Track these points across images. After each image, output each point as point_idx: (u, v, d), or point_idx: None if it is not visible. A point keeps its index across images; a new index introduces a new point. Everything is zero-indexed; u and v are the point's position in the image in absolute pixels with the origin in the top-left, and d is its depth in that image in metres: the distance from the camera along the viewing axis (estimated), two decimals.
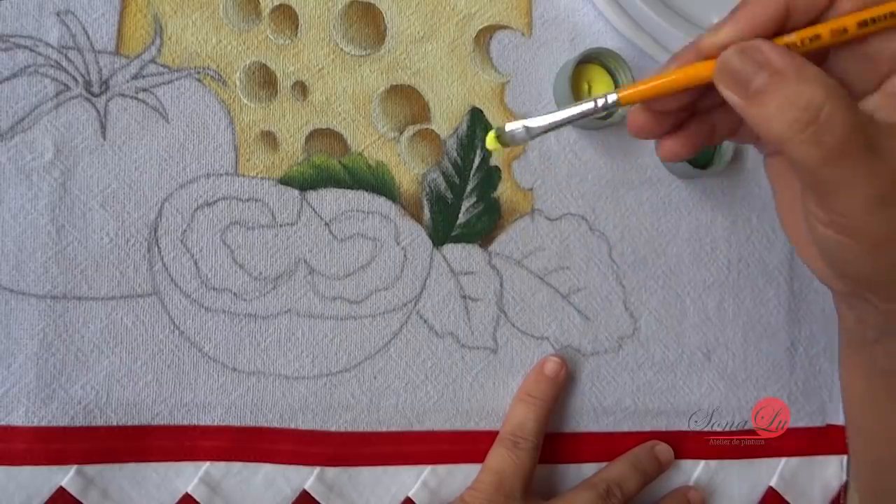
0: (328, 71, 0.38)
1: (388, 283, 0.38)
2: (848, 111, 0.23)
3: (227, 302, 0.36)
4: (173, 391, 0.36)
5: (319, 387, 0.37)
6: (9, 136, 0.35)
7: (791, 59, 0.23)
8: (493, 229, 0.40)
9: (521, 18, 0.41)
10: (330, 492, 0.37)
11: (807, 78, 0.23)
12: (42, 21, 0.35)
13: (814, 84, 0.23)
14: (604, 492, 0.37)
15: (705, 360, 0.42)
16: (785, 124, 0.23)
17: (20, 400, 0.34)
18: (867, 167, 0.23)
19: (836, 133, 0.23)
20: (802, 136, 0.23)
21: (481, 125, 0.40)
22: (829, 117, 0.22)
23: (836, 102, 0.22)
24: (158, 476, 0.35)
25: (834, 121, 0.23)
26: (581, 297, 0.40)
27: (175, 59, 0.37)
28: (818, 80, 0.23)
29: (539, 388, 0.38)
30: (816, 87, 0.23)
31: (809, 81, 0.23)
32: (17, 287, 0.34)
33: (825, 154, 0.23)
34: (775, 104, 0.23)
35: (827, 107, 0.22)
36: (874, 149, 0.23)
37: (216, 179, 0.37)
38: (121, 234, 0.35)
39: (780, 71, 0.23)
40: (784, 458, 0.43)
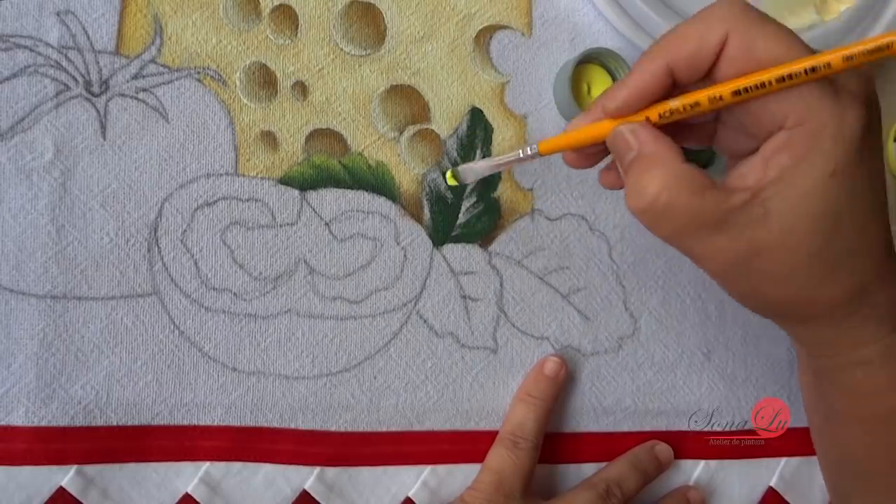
0: (328, 71, 0.38)
1: (388, 283, 0.38)
2: (687, 199, 0.25)
3: (227, 302, 0.36)
4: (173, 391, 0.36)
5: (319, 387, 0.37)
6: (9, 136, 0.35)
7: (646, 145, 0.26)
8: (493, 229, 0.40)
9: (521, 18, 0.41)
10: (330, 492, 0.37)
11: (651, 167, 0.26)
12: (42, 21, 0.35)
13: (655, 175, 0.26)
14: (604, 492, 0.37)
15: (705, 360, 0.42)
16: (632, 205, 0.27)
17: (20, 400, 0.34)
18: (709, 245, 0.26)
19: (673, 220, 0.26)
20: (644, 218, 0.27)
21: (481, 125, 0.40)
22: (665, 207, 0.26)
23: (673, 192, 0.25)
24: (158, 476, 0.35)
25: (669, 210, 0.26)
26: (581, 297, 0.40)
27: (175, 59, 0.37)
28: (660, 171, 0.26)
29: (539, 388, 0.38)
30: (656, 178, 0.26)
31: (652, 171, 0.26)
32: (17, 287, 0.34)
33: (666, 235, 0.27)
34: (628, 186, 0.27)
35: (663, 197, 0.25)
36: (720, 227, 0.26)
37: (216, 179, 0.37)
38: (121, 234, 0.35)
39: (636, 157, 0.26)
40: (784, 458, 0.43)
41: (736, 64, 0.25)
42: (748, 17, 0.25)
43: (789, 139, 0.25)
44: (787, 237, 0.26)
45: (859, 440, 0.32)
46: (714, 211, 0.26)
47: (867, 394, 0.30)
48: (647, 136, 0.27)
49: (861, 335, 0.29)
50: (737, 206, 0.26)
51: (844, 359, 0.30)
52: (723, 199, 0.26)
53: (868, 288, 0.28)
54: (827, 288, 0.27)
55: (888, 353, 0.29)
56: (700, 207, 0.26)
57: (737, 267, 0.27)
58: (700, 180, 0.26)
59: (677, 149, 0.27)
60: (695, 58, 0.26)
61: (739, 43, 0.25)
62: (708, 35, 0.25)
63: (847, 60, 0.22)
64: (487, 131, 0.40)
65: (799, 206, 0.25)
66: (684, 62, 0.26)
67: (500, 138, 0.40)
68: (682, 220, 0.26)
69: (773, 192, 0.25)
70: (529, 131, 0.40)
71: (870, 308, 0.28)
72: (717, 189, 0.26)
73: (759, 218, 0.26)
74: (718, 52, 0.25)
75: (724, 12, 0.25)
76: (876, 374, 0.29)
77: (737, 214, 0.26)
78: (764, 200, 0.25)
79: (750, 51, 0.25)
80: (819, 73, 0.23)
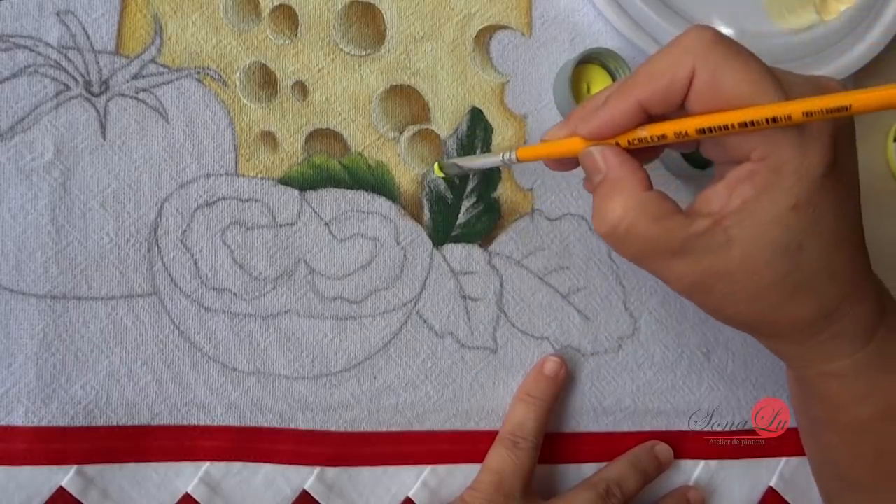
0: (328, 71, 0.38)
1: (388, 283, 0.38)
2: (647, 226, 0.26)
3: (227, 302, 0.36)
4: (173, 391, 0.36)
5: (319, 387, 0.37)
6: (9, 136, 0.35)
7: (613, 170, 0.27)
8: (493, 229, 0.40)
9: (521, 18, 0.41)
10: (330, 492, 0.37)
11: (615, 192, 0.27)
12: (42, 21, 0.35)
13: (618, 201, 0.27)
14: (603, 491, 0.37)
15: (705, 360, 0.42)
16: (596, 228, 0.28)
17: (20, 400, 0.34)
18: (671, 269, 0.27)
19: (634, 244, 0.27)
20: (607, 241, 0.28)
21: (481, 125, 0.40)
22: (626, 232, 0.27)
23: (634, 219, 0.26)
24: (158, 476, 0.35)
25: (631, 235, 0.27)
26: (581, 297, 0.40)
27: (175, 59, 0.37)
28: (623, 197, 0.27)
29: (539, 388, 0.38)
30: (618, 204, 0.27)
31: (615, 197, 0.27)
32: (17, 287, 0.34)
33: (629, 257, 0.28)
34: (594, 208, 0.28)
35: (625, 223, 0.26)
36: (681, 252, 0.26)
37: (216, 179, 0.37)
38: (121, 234, 0.35)
39: (603, 180, 0.27)
40: (784, 458, 0.43)
41: (702, 100, 0.25)
42: (716, 50, 0.25)
43: (753, 171, 0.25)
44: (748, 264, 0.26)
45: (840, 447, 0.32)
46: (675, 237, 0.26)
47: (843, 404, 0.31)
48: (615, 160, 0.27)
49: (832, 351, 0.29)
50: (698, 232, 0.26)
51: (818, 371, 0.30)
52: (684, 225, 0.26)
53: (835, 310, 0.28)
54: (790, 310, 0.28)
55: (861, 368, 0.29)
56: (660, 234, 0.26)
57: (700, 287, 0.28)
58: (662, 207, 0.27)
59: (642, 174, 0.27)
60: (666, 94, 0.26)
61: (706, 78, 0.25)
62: (676, 70, 0.25)
63: (807, 115, 0.23)
64: (487, 131, 0.40)
65: (761, 236, 0.26)
66: (656, 99, 0.26)
67: (500, 138, 0.40)
68: (643, 246, 0.27)
69: (736, 220, 0.26)
70: (529, 131, 0.40)
71: (839, 326, 0.28)
72: (680, 215, 0.27)
73: (721, 244, 0.26)
74: (688, 86, 0.25)
75: (691, 44, 0.25)
76: (850, 386, 0.30)
77: (698, 240, 0.26)
78: (727, 228, 0.26)
79: (716, 87, 0.25)
80: (780, 123, 0.23)
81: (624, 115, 0.27)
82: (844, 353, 0.29)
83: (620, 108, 0.27)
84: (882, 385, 0.30)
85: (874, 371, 0.29)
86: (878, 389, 0.30)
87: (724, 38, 0.25)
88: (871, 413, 0.30)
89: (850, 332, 0.29)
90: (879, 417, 0.30)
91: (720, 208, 0.26)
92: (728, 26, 0.41)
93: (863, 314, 0.29)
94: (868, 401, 0.30)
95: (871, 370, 0.29)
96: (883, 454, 0.31)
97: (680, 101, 0.26)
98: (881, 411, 0.30)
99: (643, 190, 0.27)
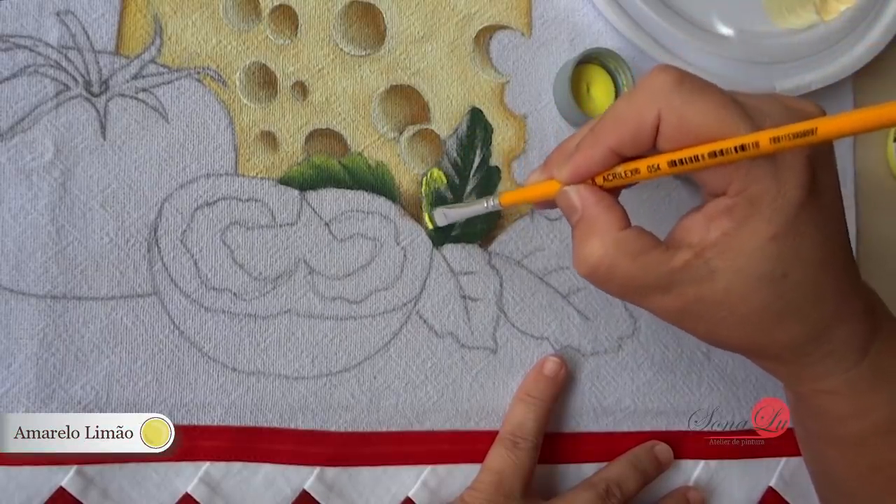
0: (328, 71, 0.38)
1: (387, 283, 0.38)
2: (628, 265, 0.26)
3: (227, 302, 0.36)
4: (173, 391, 0.36)
5: (319, 387, 0.37)
6: (9, 136, 0.35)
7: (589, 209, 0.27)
8: (492, 229, 0.40)
9: (521, 18, 0.41)
10: (330, 492, 0.37)
11: (592, 234, 0.27)
12: (42, 21, 0.35)
13: (595, 243, 0.27)
14: (603, 491, 0.37)
15: (705, 360, 0.42)
16: (577, 269, 0.28)
17: (20, 400, 0.34)
18: (656, 302, 0.27)
19: (616, 283, 0.27)
20: (590, 280, 0.28)
21: (481, 125, 0.40)
22: (608, 272, 0.27)
23: (614, 259, 0.26)
24: (158, 476, 0.35)
25: (612, 275, 0.27)
26: (581, 297, 0.40)
27: (175, 59, 0.37)
28: (600, 239, 0.27)
29: (538, 388, 0.38)
30: (596, 245, 0.27)
31: (592, 239, 0.27)
32: (17, 287, 0.34)
33: (613, 294, 0.28)
34: (573, 249, 0.28)
35: (604, 264, 0.27)
36: (664, 287, 0.27)
37: (216, 179, 0.37)
38: (121, 234, 0.35)
39: (580, 219, 0.27)
40: (784, 458, 0.43)
41: (672, 140, 0.25)
42: (680, 91, 0.25)
43: (729, 205, 0.25)
44: (732, 293, 0.26)
45: (836, 460, 0.32)
46: (656, 272, 0.26)
47: (838, 419, 0.31)
48: (591, 198, 0.27)
49: (824, 370, 0.29)
50: (679, 266, 0.26)
51: (811, 388, 0.30)
52: (665, 260, 0.26)
53: (825, 330, 0.28)
54: (779, 334, 0.28)
55: (854, 384, 0.29)
56: (641, 271, 0.26)
57: (686, 316, 0.28)
58: (640, 244, 0.27)
59: (619, 212, 0.27)
60: (634, 139, 0.26)
61: (672, 121, 0.25)
62: (642, 116, 0.25)
63: (774, 141, 0.22)
64: (487, 131, 0.40)
65: (743, 267, 0.26)
66: (626, 144, 0.26)
67: (500, 138, 0.40)
68: (626, 284, 0.27)
69: (716, 252, 0.26)
70: (529, 131, 0.40)
71: (830, 346, 0.28)
72: (658, 249, 0.27)
73: (703, 275, 0.26)
74: (656, 129, 0.25)
75: (655, 89, 0.25)
76: (844, 402, 0.30)
77: (680, 273, 0.26)
78: (708, 260, 0.26)
79: (683, 126, 0.25)
80: (749, 151, 0.23)
81: (596, 160, 0.27)
82: (836, 372, 0.29)
83: (593, 153, 0.27)
84: (876, 401, 0.30)
85: (867, 388, 0.29)
86: (871, 405, 0.30)
87: (687, 77, 0.25)
88: (865, 428, 0.30)
89: (841, 351, 0.29)
90: (874, 432, 0.30)
91: (700, 240, 0.26)
92: (728, 26, 0.41)
93: (854, 332, 0.29)
94: (862, 416, 0.30)
95: (865, 387, 0.29)
96: (879, 467, 0.31)
97: (650, 143, 0.26)
98: (875, 426, 0.30)
99: (619, 229, 0.27)
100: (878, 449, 0.30)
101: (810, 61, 0.42)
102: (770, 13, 0.43)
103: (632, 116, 0.26)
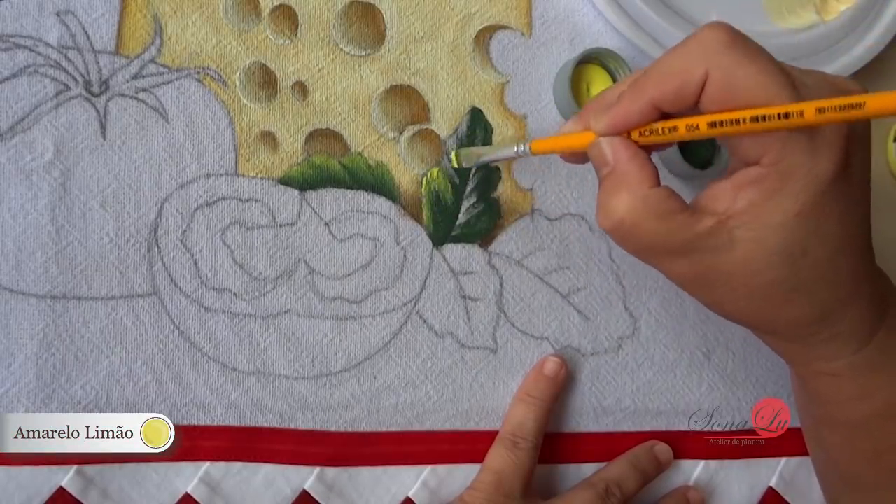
0: (328, 71, 0.38)
1: (387, 283, 0.38)
2: (652, 224, 0.26)
3: (227, 302, 0.36)
4: (173, 391, 0.36)
5: (319, 387, 0.37)
6: (9, 136, 0.35)
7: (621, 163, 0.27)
8: (492, 229, 0.40)
9: (521, 18, 0.41)
10: (330, 492, 0.37)
11: (620, 188, 0.26)
12: (42, 21, 0.35)
13: (623, 198, 0.26)
14: (603, 491, 0.37)
15: (705, 360, 0.42)
16: (601, 222, 0.27)
17: (20, 400, 0.34)
18: (673, 265, 0.27)
19: (638, 241, 0.27)
20: (612, 236, 0.28)
21: (481, 125, 0.40)
22: (631, 229, 0.26)
23: (639, 217, 0.26)
24: (158, 476, 0.35)
25: (635, 233, 0.26)
26: (581, 297, 0.40)
27: (175, 59, 0.37)
28: (628, 194, 0.26)
29: (538, 388, 0.38)
30: (623, 200, 0.26)
31: (621, 193, 0.26)
32: (17, 287, 0.34)
33: (632, 252, 0.28)
34: (599, 202, 0.27)
35: (629, 220, 0.26)
36: (684, 251, 0.26)
37: (216, 179, 0.37)
38: (121, 234, 0.35)
39: (610, 173, 0.27)
40: (784, 458, 0.43)
41: (716, 100, 0.25)
42: (730, 51, 0.25)
43: (760, 175, 0.25)
44: (750, 265, 0.26)
45: (840, 446, 0.32)
46: (679, 236, 0.26)
47: (841, 402, 0.31)
48: (624, 153, 0.27)
49: (826, 352, 0.29)
50: (703, 232, 0.26)
51: (814, 369, 0.30)
52: (689, 224, 0.26)
53: (835, 311, 0.28)
54: (790, 311, 0.28)
55: (858, 368, 0.29)
56: (665, 232, 0.26)
57: (700, 283, 0.28)
58: (668, 205, 0.26)
59: (651, 169, 0.27)
60: (679, 95, 0.26)
61: (719, 80, 0.25)
62: (690, 72, 0.25)
63: (819, 112, 0.22)
64: (487, 131, 0.40)
65: (764, 240, 0.26)
66: (669, 99, 0.26)
67: (500, 138, 0.40)
68: (647, 243, 0.27)
69: (741, 222, 0.26)
70: (529, 131, 0.40)
71: (838, 328, 0.28)
72: (684, 213, 0.26)
73: (724, 244, 0.26)
74: (702, 87, 0.25)
75: (705, 45, 0.25)
76: (846, 385, 0.30)
77: (702, 240, 0.26)
78: (731, 229, 0.26)
79: (729, 88, 0.25)
80: (792, 119, 0.23)
81: (637, 113, 0.26)
82: (843, 354, 0.29)
83: (634, 106, 0.26)
84: (880, 384, 0.30)
85: (871, 371, 0.29)
86: (875, 389, 0.30)
87: (738, 38, 0.25)
88: (868, 412, 0.30)
89: (849, 334, 0.29)
90: (877, 416, 0.30)
91: (725, 208, 0.26)
92: None
93: (863, 316, 0.29)
94: (865, 400, 0.30)
95: (869, 370, 0.29)
96: (881, 452, 0.31)
97: (693, 101, 0.25)
98: (878, 410, 0.30)
99: (650, 186, 0.26)
100: (880, 433, 0.31)
101: (810, 61, 0.42)
102: (770, 13, 0.43)
103: (679, 72, 0.25)
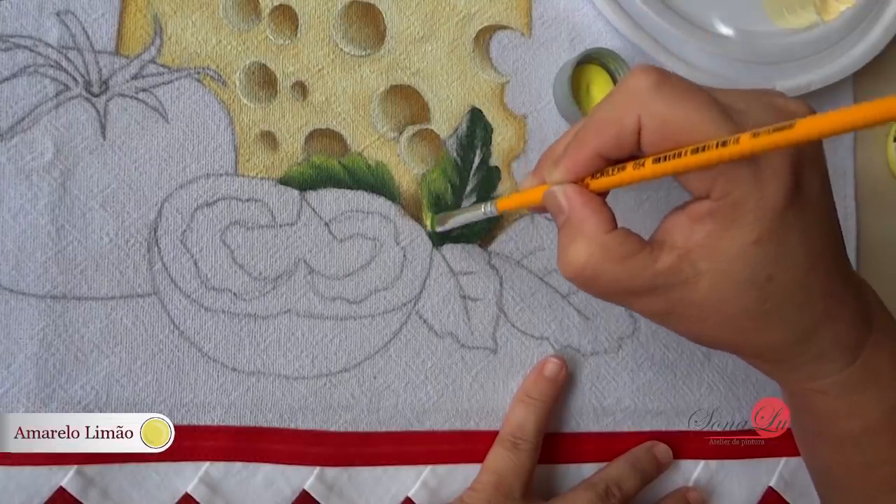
0: (328, 71, 0.38)
1: (387, 283, 0.38)
2: (612, 269, 0.26)
3: (227, 302, 0.36)
4: (173, 391, 0.36)
5: (319, 387, 0.37)
6: (9, 136, 0.35)
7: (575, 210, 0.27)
8: (492, 229, 0.40)
9: (521, 18, 0.41)
10: (330, 492, 0.37)
11: (577, 236, 0.27)
12: (42, 21, 0.35)
13: (580, 246, 0.26)
14: (603, 492, 0.37)
15: (705, 360, 0.42)
16: (562, 271, 0.27)
17: (20, 400, 0.34)
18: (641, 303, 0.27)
19: (601, 286, 0.27)
20: (574, 283, 0.27)
21: (481, 125, 0.40)
22: (592, 276, 0.27)
23: (598, 263, 0.26)
24: (158, 476, 0.35)
25: (597, 278, 0.27)
26: (581, 297, 0.40)
27: (175, 59, 0.37)
28: (585, 242, 0.26)
29: (538, 389, 0.38)
30: (581, 248, 0.26)
31: (578, 242, 0.27)
32: (17, 287, 0.34)
33: (597, 296, 0.28)
34: (559, 251, 0.28)
35: (589, 267, 0.26)
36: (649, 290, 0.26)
37: (216, 179, 0.37)
38: (121, 234, 0.35)
39: (566, 221, 0.27)
40: (784, 458, 0.43)
41: (655, 142, 0.25)
42: (659, 94, 0.25)
43: (712, 209, 0.25)
44: (716, 295, 0.26)
45: (832, 458, 0.32)
46: (641, 277, 0.26)
47: (829, 418, 0.30)
48: (577, 199, 0.27)
49: (813, 371, 0.29)
50: (664, 269, 0.26)
51: (803, 388, 0.30)
52: (650, 263, 0.26)
53: (814, 332, 0.28)
54: (764, 336, 0.28)
55: (847, 384, 0.29)
56: (627, 276, 0.26)
57: (671, 317, 0.28)
58: (626, 248, 0.26)
59: (606, 213, 0.27)
60: (617, 144, 0.26)
61: (653, 126, 0.25)
62: (622, 121, 0.25)
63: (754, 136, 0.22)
64: (487, 131, 0.40)
65: (726, 270, 0.26)
66: (609, 147, 0.26)
67: (500, 138, 0.40)
68: (612, 288, 0.27)
69: (701, 255, 0.26)
70: (529, 131, 0.40)
71: (820, 347, 0.28)
72: (644, 252, 0.26)
73: (689, 277, 0.26)
74: (638, 132, 0.25)
75: (632, 93, 0.25)
76: (835, 402, 0.30)
77: (665, 276, 0.26)
78: (694, 261, 0.26)
79: (664, 129, 0.25)
80: (730, 146, 0.23)
81: (584, 163, 0.27)
82: (830, 372, 0.29)
83: (580, 156, 0.27)
84: (867, 401, 0.29)
85: (860, 388, 0.29)
86: (863, 405, 0.29)
87: (666, 79, 0.25)
88: (858, 427, 0.30)
89: (831, 353, 0.28)
90: (867, 432, 0.30)
91: (684, 241, 0.26)
92: (728, 26, 0.41)
93: (844, 334, 0.28)
94: (855, 417, 0.30)
95: (858, 387, 0.29)
96: (873, 466, 0.31)
97: (634, 147, 0.26)
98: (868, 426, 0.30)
99: (605, 231, 0.26)
100: (871, 448, 0.30)
101: (810, 61, 0.42)
102: (770, 13, 0.43)
103: (612, 122, 0.26)
